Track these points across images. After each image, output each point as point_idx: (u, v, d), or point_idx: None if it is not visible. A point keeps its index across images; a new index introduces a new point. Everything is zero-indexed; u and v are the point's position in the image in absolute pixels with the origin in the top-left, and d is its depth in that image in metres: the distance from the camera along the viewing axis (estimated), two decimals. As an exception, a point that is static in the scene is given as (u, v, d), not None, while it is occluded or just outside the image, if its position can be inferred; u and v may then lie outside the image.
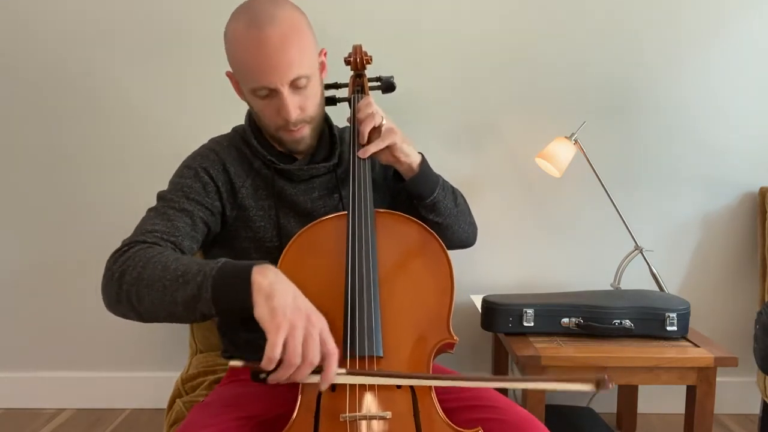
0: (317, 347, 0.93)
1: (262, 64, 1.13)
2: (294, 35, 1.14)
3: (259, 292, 0.95)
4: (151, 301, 1.01)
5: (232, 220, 1.27)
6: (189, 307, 0.98)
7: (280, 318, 0.92)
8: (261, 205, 1.28)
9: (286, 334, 0.91)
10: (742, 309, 2.23)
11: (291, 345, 0.91)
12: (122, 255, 1.07)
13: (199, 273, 0.98)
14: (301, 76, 1.16)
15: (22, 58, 2.15)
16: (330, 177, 1.32)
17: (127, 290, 1.02)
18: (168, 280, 1.00)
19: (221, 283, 0.96)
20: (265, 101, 1.19)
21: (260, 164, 1.28)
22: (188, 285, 0.98)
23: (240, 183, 1.27)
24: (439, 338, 1.08)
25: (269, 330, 0.92)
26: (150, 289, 1.00)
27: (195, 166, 1.26)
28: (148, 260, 1.04)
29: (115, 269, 1.05)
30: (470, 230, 1.42)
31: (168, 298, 0.99)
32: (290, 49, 1.13)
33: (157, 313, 1.02)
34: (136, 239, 1.11)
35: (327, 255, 1.13)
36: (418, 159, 1.28)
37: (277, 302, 0.94)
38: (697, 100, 2.15)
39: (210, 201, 1.24)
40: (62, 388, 2.32)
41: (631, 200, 2.16)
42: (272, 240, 1.26)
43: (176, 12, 2.11)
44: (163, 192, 1.24)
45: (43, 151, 2.20)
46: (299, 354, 0.92)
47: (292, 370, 0.92)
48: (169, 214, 1.18)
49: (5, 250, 2.26)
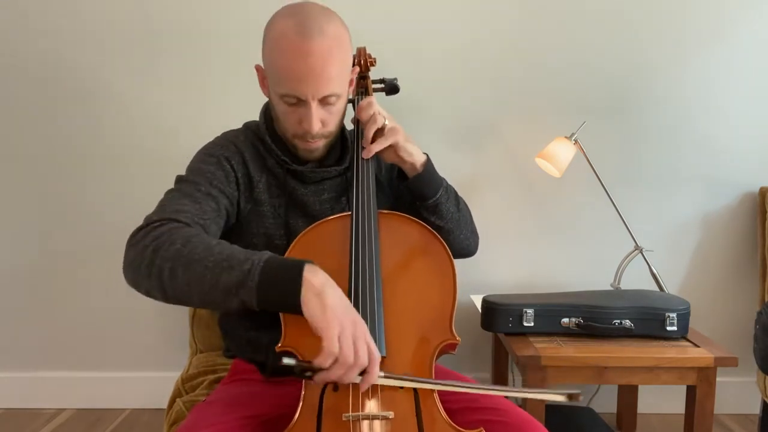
0: (366, 349, 0.95)
1: (300, 74, 1.11)
2: (338, 52, 1.13)
3: (310, 290, 0.95)
4: (186, 281, 0.99)
5: (245, 214, 1.26)
6: (229, 292, 0.97)
7: (331, 317, 0.94)
8: (273, 202, 1.27)
9: (339, 332, 0.93)
10: (742, 309, 2.23)
11: (345, 345, 0.93)
12: (154, 230, 1.04)
13: (246, 261, 0.98)
14: (333, 94, 1.15)
15: (22, 58, 2.15)
16: (341, 180, 1.32)
17: (160, 265, 1.00)
18: (211, 262, 0.98)
19: (270, 275, 0.96)
20: (291, 108, 1.18)
21: (273, 162, 1.28)
22: (233, 270, 0.97)
23: (257, 177, 1.26)
24: (441, 339, 1.09)
25: (323, 327, 0.93)
26: (188, 269, 0.99)
27: (217, 154, 1.24)
28: (188, 239, 1.02)
29: (147, 242, 1.02)
30: (472, 238, 1.42)
31: (208, 280, 0.98)
32: (331, 66, 1.12)
33: (189, 293, 1.00)
34: (166, 216, 1.08)
35: (330, 255, 1.13)
36: (422, 158, 1.28)
37: (329, 301, 0.95)
38: (697, 100, 2.15)
39: (230, 190, 1.23)
40: (62, 388, 2.32)
41: (631, 200, 2.16)
42: (281, 238, 1.26)
43: (176, 13, 2.11)
44: (184, 176, 1.22)
45: (43, 151, 2.20)
46: (353, 352, 0.93)
47: (345, 368, 0.93)
48: (197, 197, 1.16)
49: (5, 250, 2.26)
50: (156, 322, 2.27)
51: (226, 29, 2.10)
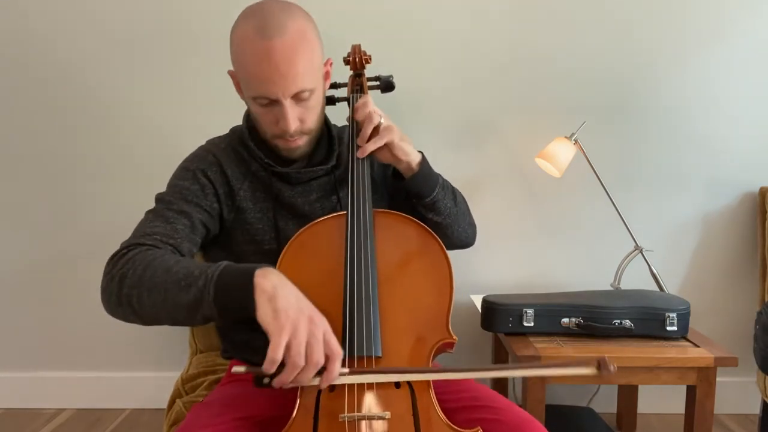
0: (321, 348, 0.93)
1: (266, 75, 1.11)
2: (302, 48, 1.12)
3: (262, 295, 0.94)
4: (152, 305, 1.00)
5: (230, 223, 1.27)
6: (191, 310, 0.98)
7: (283, 320, 0.92)
8: (259, 207, 1.27)
9: (289, 335, 0.91)
10: (742, 309, 2.23)
11: (294, 346, 0.91)
12: (122, 258, 1.06)
13: (201, 276, 0.98)
14: (304, 90, 1.14)
15: (21, 59, 2.15)
16: (328, 179, 1.31)
17: (128, 294, 1.01)
18: (170, 284, 0.99)
19: (223, 287, 0.96)
20: (265, 109, 1.17)
21: (258, 166, 1.27)
22: (190, 288, 0.97)
23: (238, 185, 1.26)
24: (438, 338, 1.08)
25: (272, 332, 0.92)
26: (151, 293, 1.00)
27: (192, 168, 1.25)
28: (149, 263, 1.03)
29: (115, 272, 1.04)
30: (470, 230, 1.42)
31: (170, 302, 0.99)
32: (296, 63, 1.11)
33: (159, 316, 1.01)
34: (135, 242, 1.10)
35: (326, 255, 1.13)
36: (417, 158, 1.27)
37: (280, 304, 0.93)
38: (697, 100, 2.15)
39: (208, 203, 1.23)
40: (62, 388, 2.32)
41: (631, 200, 2.16)
42: (270, 242, 1.26)
43: (176, 13, 2.11)
44: (161, 194, 1.23)
45: (43, 152, 2.20)
46: (303, 355, 0.92)
47: (296, 372, 0.92)
48: (168, 216, 1.17)
49: (5, 251, 2.26)
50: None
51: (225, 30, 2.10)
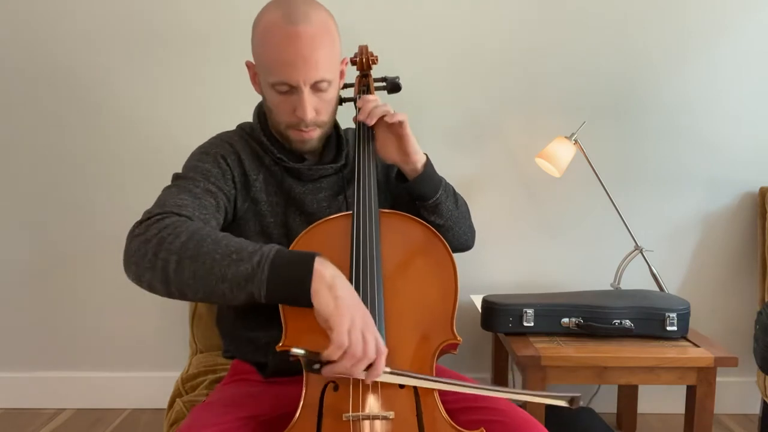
0: (374, 342, 0.95)
1: (289, 60, 1.13)
2: (325, 38, 1.15)
3: (321, 282, 0.95)
4: (192, 274, 0.98)
5: (243, 212, 1.26)
6: (238, 285, 0.96)
7: (342, 309, 0.93)
8: (271, 201, 1.27)
9: (350, 324, 0.93)
10: (742, 309, 2.23)
11: (355, 337, 0.92)
12: (157, 222, 1.03)
13: (255, 253, 0.97)
14: (324, 80, 1.16)
15: (22, 60, 2.15)
16: (337, 178, 1.31)
17: (165, 258, 0.99)
18: (219, 254, 0.97)
19: (280, 267, 0.96)
20: (283, 97, 1.18)
21: (270, 161, 1.28)
22: (242, 263, 0.96)
23: (254, 176, 1.26)
24: (442, 339, 1.09)
25: (335, 319, 0.93)
26: (194, 261, 0.97)
27: (212, 152, 1.24)
28: (194, 231, 1.01)
29: (150, 236, 1.01)
30: (469, 233, 1.42)
31: (216, 273, 0.97)
32: (320, 51, 1.13)
33: (195, 287, 0.98)
34: (168, 210, 1.07)
35: (331, 254, 1.13)
36: (423, 158, 1.28)
37: (341, 293, 0.95)
38: (697, 100, 2.15)
39: (228, 188, 1.22)
40: (62, 388, 2.32)
41: (631, 200, 2.16)
42: (279, 237, 1.26)
43: (176, 13, 2.11)
44: (181, 173, 1.21)
45: (44, 152, 2.20)
46: (361, 345, 0.93)
47: (354, 361, 0.93)
48: (196, 192, 1.15)
49: (5, 251, 2.26)
50: (156, 322, 2.27)
51: (226, 31, 2.10)
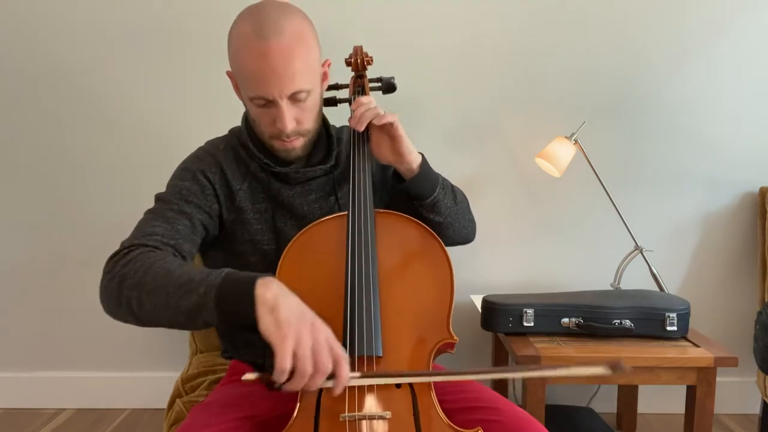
0: (327, 354, 0.93)
1: (262, 75, 1.11)
2: (299, 49, 1.12)
3: (263, 305, 0.94)
4: (152, 307, 1.00)
5: (229, 223, 1.27)
6: (192, 315, 0.98)
7: (285, 329, 0.92)
8: (257, 208, 1.27)
9: (294, 344, 0.91)
10: (742, 309, 2.23)
11: (300, 354, 0.91)
12: (122, 258, 1.06)
13: (202, 283, 0.98)
14: (301, 90, 1.15)
15: (23, 60, 2.15)
16: (327, 179, 1.31)
17: (128, 295, 1.01)
18: (172, 287, 0.99)
19: (224, 296, 0.96)
20: (262, 109, 1.18)
21: (256, 167, 1.27)
22: (192, 294, 0.97)
23: (237, 186, 1.26)
24: (439, 338, 1.09)
25: (276, 342, 0.92)
26: (152, 296, 1.00)
27: (193, 169, 1.25)
28: (150, 266, 1.03)
29: (115, 273, 1.04)
30: (470, 226, 1.42)
31: (171, 306, 0.98)
32: (293, 63, 1.11)
33: (159, 319, 1.01)
34: (136, 242, 1.10)
35: (327, 255, 1.13)
36: (418, 158, 1.27)
37: (282, 314, 0.93)
38: (697, 100, 2.15)
39: (208, 204, 1.23)
40: (62, 388, 2.32)
41: (631, 200, 2.16)
42: (269, 243, 1.26)
43: (177, 14, 2.11)
44: (161, 194, 1.23)
45: (44, 152, 2.20)
46: (310, 362, 0.92)
47: (306, 379, 0.92)
48: (169, 217, 1.17)
49: (5, 250, 2.26)
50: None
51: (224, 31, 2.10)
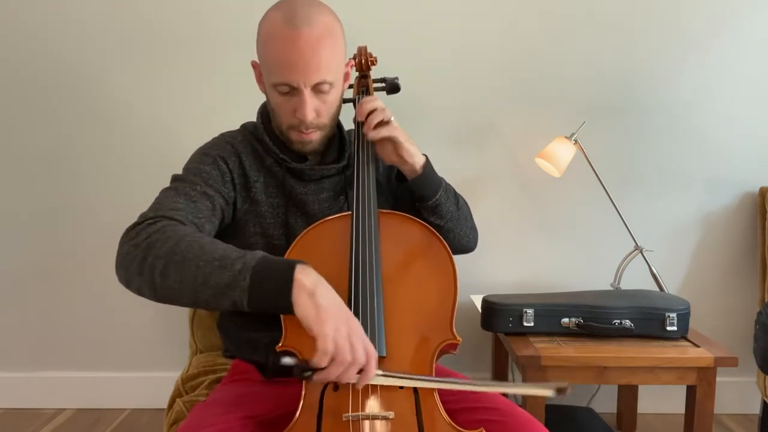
0: (362, 346, 0.94)
1: (290, 61, 1.13)
2: (327, 40, 1.14)
3: (302, 290, 0.94)
4: (178, 279, 0.98)
5: (242, 213, 1.26)
6: (220, 292, 0.96)
7: (324, 316, 0.93)
8: (271, 202, 1.27)
9: (334, 331, 0.92)
10: (742, 309, 2.23)
11: (341, 343, 0.92)
12: (149, 227, 1.04)
13: (238, 260, 0.97)
14: (325, 81, 1.16)
15: (24, 60, 2.15)
16: (339, 178, 1.32)
17: (152, 263, 0.99)
18: (203, 261, 0.97)
19: (262, 275, 0.95)
20: (285, 97, 1.19)
21: (272, 162, 1.28)
22: (225, 270, 0.96)
23: (254, 177, 1.26)
24: (442, 339, 1.09)
25: (317, 326, 0.92)
26: (180, 267, 0.98)
27: (213, 154, 1.25)
28: (181, 237, 1.01)
29: (140, 240, 1.01)
30: (471, 235, 1.42)
31: (200, 280, 0.97)
32: (321, 53, 1.13)
33: (181, 292, 0.98)
34: (161, 214, 1.08)
35: (330, 255, 1.13)
36: (422, 160, 1.28)
37: (321, 301, 0.94)
38: (697, 100, 2.15)
39: (226, 190, 1.23)
40: (62, 388, 2.32)
41: (631, 200, 2.16)
42: (279, 238, 1.26)
43: (178, 14, 2.11)
44: (180, 174, 1.21)
45: (45, 152, 2.20)
46: (349, 351, 0.93)
47: (343, 367, 0.93)
48: (192, 195, 1.16)
49: (5, 250, 2.26)
50: (156, 322, 2.27)
51: (228, 31, 2.10)
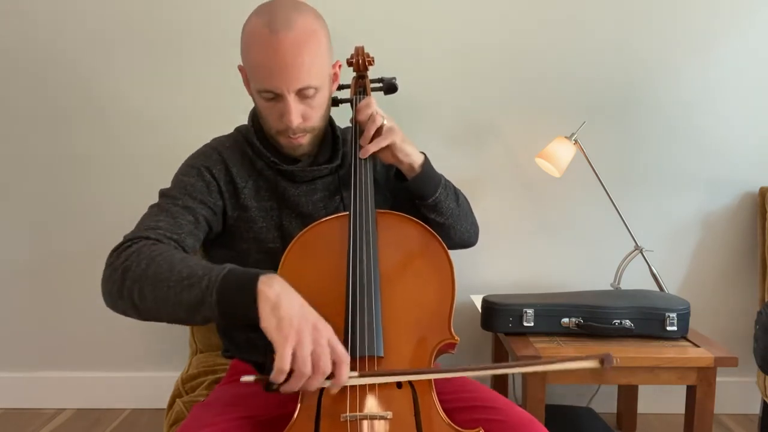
0: (327, 356, 0.93)
1: (271, 68, 1.12)
2: (308, 44, 1.13)
3: (266, 303, 0.94)
4: (153, 300, 1.00)
5: (233, 221, 1.27)
6: (192, 310, 0.98)
7: (287, 329, 0.92)
8: (263, 206, 1.27)
9: (294, 344, 0.92)
10: (742, 309, 2.23)
11: (300, 355, 0.92)
12: (125, 250, 1.06)
13: (204, 277, 0.98)
14: (309, 87, 1.15)
15: (27, 60, 2.15)
16: (332, 178, 1.31)
17: (130, 287, 1.01)
18: (173, 281, 0.99)
19: (226, 291, 0.96)
20: (270, 103, 1.18)
21: (263, 165, 1.28)
22: (193, 288, 0.97)
23: (242, 184, 1.26)
24: (440, 338, 1.08)
25: (277, 341, 0.92)
26: (154, 288, 1.00)
27: (198, 165, 1.25)
28: (153, 258, 1.03)
29: (118, 264, 1.04)
30: (472, 230, 1.42)
31: (172, 299, 0.98)
32: (301, 58, 1.12)
33: (159, 312, 1.01)
34: (139, 234, 1.10)
35: (328, 255, 1.13)
36: (420, 159, 1.28)
37: (284, 312, 0.93)
38: (697, 100, 2.15)
39: (212, 200, 1.23)
40: (62, 388, 2.32)
41: (631, 200, 2.16)
42: (274, 241, 1.26)
43: (180, 14, 2.11)
44: (165, 189, 1.23)
45: (46, 151, 2.20)
46: (309, 364, 0.92)
47: (304, 380, 0.92)
48: (173, 211, 1.17)
49: (5, 250, 2.26)
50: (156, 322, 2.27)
51: (232, 30, 2.09)
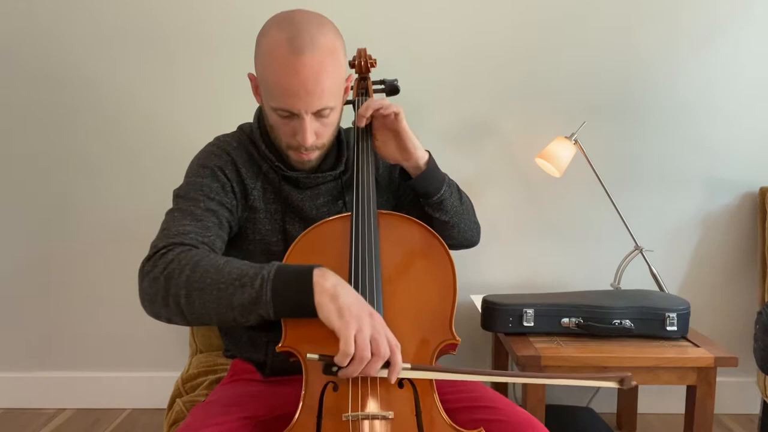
0: (385, 341, 0.97)
1: (292, 89, 1.10)
2: (330, 66, 1.11)
3: (323, 294, 0.97)
4: (202, 305, 1.00)
5: (242, 221, 1.26)
6: (246, 310, 0.99)
7: (348, 316, 0.96)
8: (269, 208, 1.27)
9: (355, 330, 0.95)
10: (742, 309, 2.23)
11: (361, 341, 0.95)
12: (161, 257, 1.05)
13: (256, 276, 0.99)
14: (327, 107, 1.14)
15: (31, 59, 2.15)
16: (336, 184, 1.31)
17: (175, 294, 1.01)
18: (223, 284, 1.00)
19: (282, 287, 0.98)
20: (284, 120, 1.16)
21: (268, 168, 1.27)
22: (245, 288, 0.99)
23: (251, 184, 1.26)
24: (441, 339, 1.09)
25: (340, 328, 0.95)
26: (202, 293, 1.00)
27: (210, 165, 1.23)
28: (196, 263, 1.02)
29: (158, 273, 1.03)
30: (475, 229, 1.42)
31: (224, 302, 0.99)
32: (324, 80, 1.10)
33: (209, 316, 1.02)
34: (172, 241, 1.08)
35: (330, 256, 1.13)
36: (425, 155, 1.28)
37: (343, 301, 0.97)
38: (697, 100, 2.15)
39: (228, 201, 1.22)
40: (62, 388, 2.32)
41: (631, 200, 2.16)
42: (277, 244, 1.26)
43: (183, 13, 2.11)
44: (181, 191, 1.21)
45: (48, 151, 2.20)
46: (369, 348, 0.95)
47: (364, 364, 0.95)
48: (197, 215, 1.15)
49: (6, 250, 2.26)
50: (156, 322, 2.25)
51: (237, 29, 2.10)
